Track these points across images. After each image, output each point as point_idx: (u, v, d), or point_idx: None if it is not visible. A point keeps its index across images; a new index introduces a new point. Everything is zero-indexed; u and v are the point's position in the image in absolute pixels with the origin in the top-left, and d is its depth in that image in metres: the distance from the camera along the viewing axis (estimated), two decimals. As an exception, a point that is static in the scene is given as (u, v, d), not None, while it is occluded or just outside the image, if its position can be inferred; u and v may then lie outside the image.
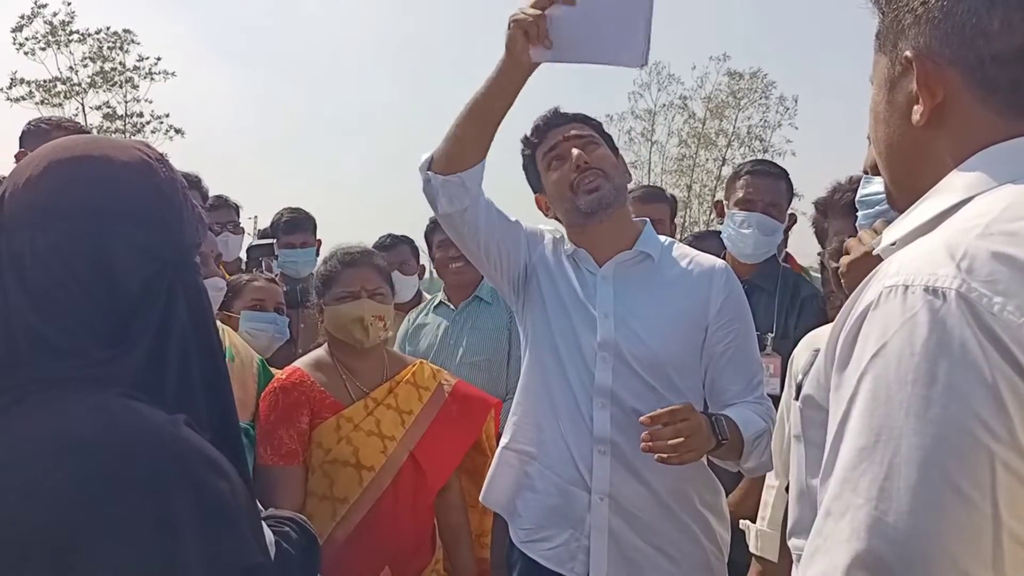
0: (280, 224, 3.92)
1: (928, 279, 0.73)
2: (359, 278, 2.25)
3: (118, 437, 0.96)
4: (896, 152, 0.95)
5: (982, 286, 0.71)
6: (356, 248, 2.35)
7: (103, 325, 1.02)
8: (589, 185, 1.97)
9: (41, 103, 20.95)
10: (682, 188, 24.27)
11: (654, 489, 1.91)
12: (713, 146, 24.60)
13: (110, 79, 21.54)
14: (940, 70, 0.86)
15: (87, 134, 2.15)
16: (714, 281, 1.99)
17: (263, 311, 2.69)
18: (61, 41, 20.95)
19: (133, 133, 21.69)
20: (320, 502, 2.14)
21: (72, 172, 1.04)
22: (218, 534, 0.99)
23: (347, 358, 2.27)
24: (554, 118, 2.07)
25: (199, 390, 1.07)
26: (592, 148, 2.02)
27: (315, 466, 2.16)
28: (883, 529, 0.69)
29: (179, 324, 1.06)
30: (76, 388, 0.98)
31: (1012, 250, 0.73)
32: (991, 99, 0.85)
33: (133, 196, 1.05)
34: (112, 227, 1.03)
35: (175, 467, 0.97)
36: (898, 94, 0.92)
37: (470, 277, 3.41)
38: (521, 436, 2.06)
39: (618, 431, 1.90)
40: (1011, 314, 0.69)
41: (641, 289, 1.99)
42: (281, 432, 2.15)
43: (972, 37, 0.84)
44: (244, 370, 2.27)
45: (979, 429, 0.67)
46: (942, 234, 0.79)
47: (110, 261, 1.02)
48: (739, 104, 24.34)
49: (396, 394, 2.26)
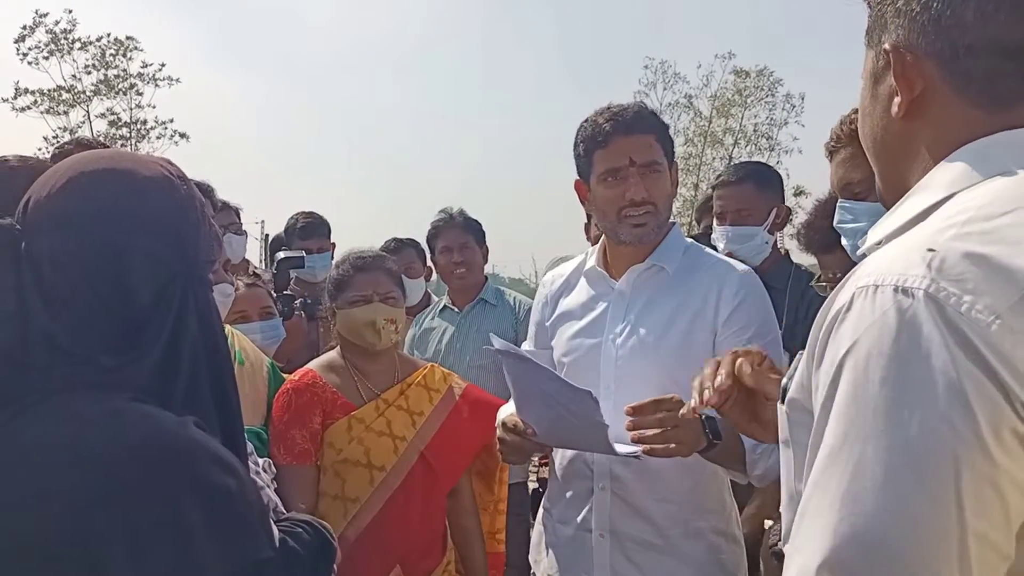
0: (295, 229, 3.92)
1: (898, 279, 0.73)
2: (371, 282, 2.27)
3: (130, 441, 0.98)
4: (880, 146, 0.96)
5: (952, 285, 0.70)
6: (368, 253, 2.38)
7: (115, 333, 1.04)
8: (638, 219, 1.91)
9: (46, 112, 21.08)
10: (689, 187, 24.27)
11: (656, 523, 1.88)
12: (720, 145, 24.61)
13: (114, 86, 21.64)
14: (918, 62, 0.87)
15: (111, 148, 2.20)
16: (724, 290, 1.89)
17: (247, 321, 2.63)
18: (64, 49, 21.06)
19: (138, 139, 21.82)
20: (332, 502, 2.16)
21: (94, 183, 1.07)
22: (230, 532, 1.02)
23: (359, 360, 2.30)
24: (624, 124, 1.91)
25: (208, 399, 1.09)
26: (654, 178, 1.91)
27: (327, 466, 2.19)
28: (851, 530, 0.69)
29: (189, 336, 1.09)
30: (87, 393, 1.00)
31: (985, 249, 0.72)
32: (968, 91, 0.85)
33: (152, 209, 1.08)
34: (130, 238, 1.05)
35: (186, 469, 0.99)
36: (881, 87, 0.93)
37: (473, 281, 3.43)
38: None
39: (618, 463, 1.88)
40: (980, 313, 0.69)
41: (652, 307, 1.93)
42: (294, 432, 2.18)
43: (947, 28, 0.84)
44: (255, 374, 2.28)
45: (945, 431, 0.67)
46: (918, 234, 0.79)
47: (126, 271, 1.05)
48: (745, 102, 24.33)
49: (407, 396, 2.29)
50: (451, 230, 3.44)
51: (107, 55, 21.47)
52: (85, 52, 21.28)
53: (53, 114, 21.08)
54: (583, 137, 1.97)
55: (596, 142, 1.93)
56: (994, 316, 0.69)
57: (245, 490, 1.06)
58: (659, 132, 1.95)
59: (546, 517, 2.09)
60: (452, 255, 3.40)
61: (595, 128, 1.93)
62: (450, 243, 3.42)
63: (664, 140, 1.95)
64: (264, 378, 2.31)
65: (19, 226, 1.06)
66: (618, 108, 1.94)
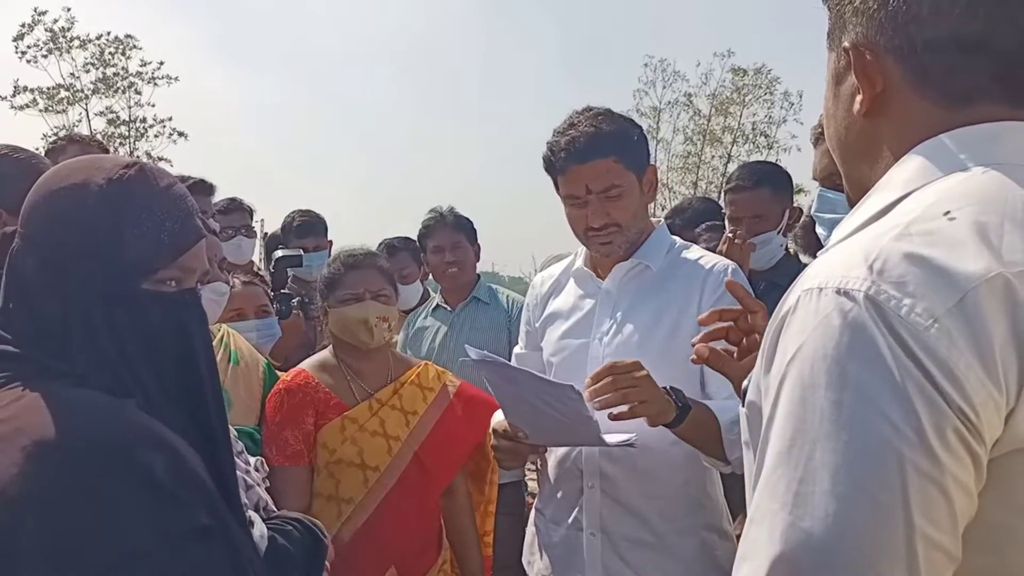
0: (292, 228, 3.91)
1: (840, 281, 0.73)
2: (363, 280, 2.26)
3: (57, 421, 1.02)
4: (844, 145, 0.95)
5: (891, 288, 0.71)
6: (359, 250, 2.36)
7: (56, 338, 1.11)
8: (602, 239, 1.93)
9: (45, 110, 21.04)
10: (688, 185, 24.25)
11: (647, 521, 1.89)
12: (719, 143, 24.53)
13: (112, 84, 21.60)
14: (877, 59, 0.87)
15: (91, 153, 2.23)
16: (706, 285, 1.91)
17: (243, 319, 2.64)
18: (62, 47, 21.03)
19: (137, 138, 21.80)
20: (326, 503, 2.15)
21: (44, 200, 1.16)
22: (157, 502, 1.04)
23: (352, 360, 2.29)
24: (577, 153, 1.88)
25: (169, 394, 1.15)
26: (613, 201, 1.90)
27: (320, 467, 2.18)
28: (798, 535, 0.69)
29: (114, 347, 1.13)
30: (30, 382, 1.07)
31: (927, 251, 0.72)
32: (926, 87, 0.85)
33: (73, 221, 1.13)
34: (58, 252, 1.13)
35: (111, 443, 1.03)
36: (843, 87, 0.93)
37: (465, 280, 3.43)
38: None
39: (607, 462, 1.90)
40: (919, 316, 0.69)
41: (637, 306, 1.96)
42: (287, 433, 2.17)
43: (904, 24, 0.84)
44: (249, 373, 2.28)
45: (889, 432, 0.67)
46: (865, 236, 0.79)
47: (63, 284, 1.12)
48: (744, 101, 24.28)
49: (401, 395, 2.28)
50: (442, 229, 3.44)
51: (106, 53, 21.45)
52: (84, 50, 21.27)
53: (51, 112, 21.07)
54: (544, 159, 1.97)
55: (554, 168, 1.95)
56: (932, 320, 0.69)
57: (178, 464, 1.08)
58: (619, 151, 1.89)
59: (538, 518, 2.10)
60: (444, 254, 3.40)
61: (553, 154, 1.93)
62: (441, 242, 3.42)
63: (627, 156, 1.90)
64: (259, 378, 2.31)
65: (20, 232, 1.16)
66: (573, 134, 1.89)
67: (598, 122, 1.90)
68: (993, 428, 0.69)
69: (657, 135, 24.13)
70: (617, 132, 1.91)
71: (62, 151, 2.69)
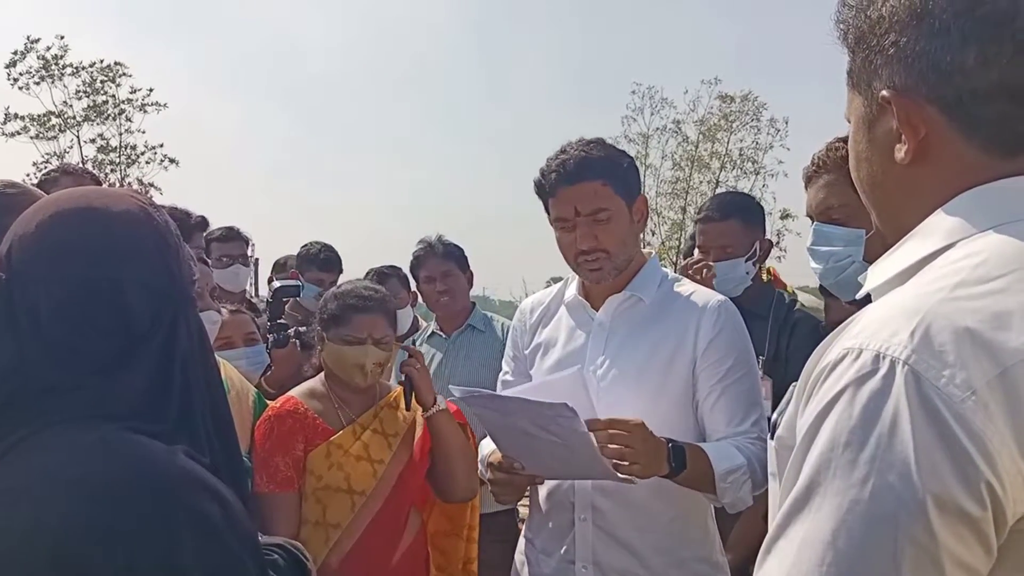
0: (316, 258, 3.92)
1: (881, 345, 0.73)
2: (368, 325, 2.26)
3: (120, 474, 0.99)
4: (881, 191, 0.93)
5: (931, 357, 0.71)
6: (371, 292, 2.34)
7: (107, 358, 1.07)
8: (591, 266, 1.95)
9: (36, 137, 21.04)
10: (677, 211, 24.38)
11: (639, 554, 1.88)
12: (707, 169, 24.68)
13: (102, 112, 21.62)
14: (920, 108, 0.85)
15: (84, 185, 2.22)
16: (703, 320, 1.91)
17: (232, 347, 2.64)
18: (55, 75, 21.06)
19: (128, 164, 21.79)
20: (314, 528, 2.16)
21: (79, 223, 1.10)
22: (218, 562, 1.03)
23: (342, 390, 2.31)
24: (566, 174, 1.92)
25: (199, 418, 1.12)
26: (601, 225, 1.91)
27: (308, 493, 2.19)
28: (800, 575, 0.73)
29: (180, 355, 1.12)
30: (80, 423, 1.02)
31: (971, 321, 0.72)
32: (975, 136, 0.83)
33: (138, 241, 1.12)
34: (122, 271, 1.09)
35: (175, 500, 1.01)
36: (878, 132, 0.91)
37: (458, 308, 3.44)
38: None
39: (599, 495, 1.90)
40: (956, 388, 0.69)
41: (631, 340, 1.95)
42: (277, 460, 2.18)
43: (949, 74, 0.82)
44: (240, 402, 2.29)
45: (891, 501, 0.69)
46: (909, 291, 0.79)
47: (124, 304, 1.09)
48: (731, 127, 24.48)
49: (381, 418, 2.30)
50: (432, 259, 3.46)
51: (96, 82, 21.47)
52: (76, 78, 21.31)
53: (43, 139, 21.06)
54: (535, 183, 2.01)
55: (545, 191, 1.98)
56: (970, 391, 0.69)
57: (233, 517, 1.07)
58: (608, 175, 1.92)
59: (528, 548, 2.08)
60: (435, 284, 3.42)
61: (544, 176, 1.97)
62: (432, 272, 3.44)
63: (616, 180, 1.93)
64: (250, 407, 2.32)
65: (3, 274, 1.08)
66: (564, 157, 1.94)
67: (588, 148, 1.95)
68: (1019, 503, 0.70)
69: (646, 161, 24.27)
70: (606, 157, 1.95)
71: (55, 183, 2.71)
